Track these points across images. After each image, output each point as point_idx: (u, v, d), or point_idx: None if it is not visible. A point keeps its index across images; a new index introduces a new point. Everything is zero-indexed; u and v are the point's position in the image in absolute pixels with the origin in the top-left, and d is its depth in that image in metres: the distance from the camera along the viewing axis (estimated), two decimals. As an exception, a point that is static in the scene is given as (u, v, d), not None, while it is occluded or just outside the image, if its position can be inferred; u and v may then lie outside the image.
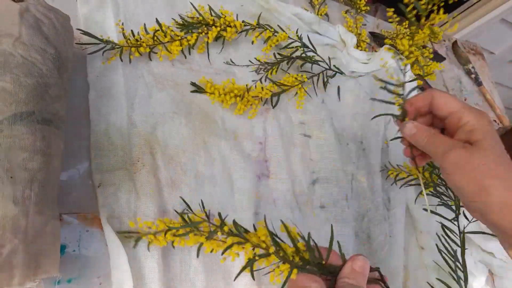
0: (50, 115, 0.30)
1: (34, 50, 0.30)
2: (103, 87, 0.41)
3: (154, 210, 0.37)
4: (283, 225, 0.31)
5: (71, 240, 0.34)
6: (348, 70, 0.61)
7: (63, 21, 0.35)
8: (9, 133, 0.27)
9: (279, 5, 0.57)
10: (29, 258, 0.25)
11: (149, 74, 0.44)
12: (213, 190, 0.42)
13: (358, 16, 0.72)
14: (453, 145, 0.33)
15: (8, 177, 0.25)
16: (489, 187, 0.30)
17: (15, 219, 0.25)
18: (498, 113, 0.84)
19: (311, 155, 0.51)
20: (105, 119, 0.39)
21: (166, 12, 0.49)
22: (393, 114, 0.39)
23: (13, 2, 0.31)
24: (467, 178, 0.31)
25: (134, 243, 0.34)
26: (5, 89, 0.27)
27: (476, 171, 0.31)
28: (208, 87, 0.46)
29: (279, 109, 0.51)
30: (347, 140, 0.53)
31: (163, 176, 0.40)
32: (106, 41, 0.41)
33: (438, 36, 0.76)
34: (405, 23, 0.75)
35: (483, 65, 0.92)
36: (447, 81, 0.80)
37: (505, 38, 1.27)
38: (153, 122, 0.42)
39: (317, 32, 0.61)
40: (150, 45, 0.44)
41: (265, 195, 0.45)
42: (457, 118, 0.34)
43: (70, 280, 0.32)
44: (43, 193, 0.28)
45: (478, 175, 0.31)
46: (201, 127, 0.44)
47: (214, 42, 0.50)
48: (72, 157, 0.37)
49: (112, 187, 0.37)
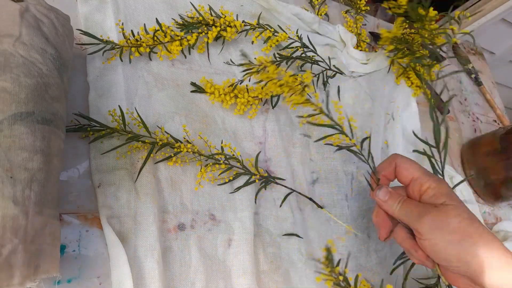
0: (50, 115, 0.30)
1: (34, 50, 0.30)
2: (103, 87, 0.41)
3: (154, 210, 0.37)
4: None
5: (71, 240, 0.34)
6: (348, 70, 0.61)
7: (63, 21, 0.35)
8: (9, 133, 0.27)
9: (279, 5, 0.56)
10: (29, 258, 0.25)
11: (149, 74, 0.44)
12: (213, 190, 0.42)
13: (358, 16, 0.72)
14: (426, 209, 0.33)
15: (8, 177, 0.25)
16: (472, 247, 0.30)
17: (15, 219, 0.25)
18: (498, 113, 0.84)
19: (311, 155, 0.51)
20: (105, 119, 0.39)
21: (166, 12, 0.49)
22: (368, 182, 0.40)
23: (13, 2, 0.31)
24: (447, 241, 0.31)
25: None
26: (5, 89, 0.27)
27: (456, 232, 0.31)
28: (208, 87, 0.46)
29: (279, 109, 0.51)
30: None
31: (163, 176, 0.40)
32: (106, 41, 0.41)
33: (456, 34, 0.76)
34: (405, 23, 0.75)
35: (483, 65, 0.92)
36: (447, 81, 0.80)
37: (505, 38, 1.26)
38: (153, 122, 0.42)
39: (317, 32, 0.61)
40: (150, 45, 0.44)
41: (265, 195, 0.45)
42: (419, 184, 0.35)
43: (70, 280, 0.32)
44: (43, 193, 0.28)
45: (457, 236, 0.31)
46: (201, 127, 0.44)
47: (214, 42, 0.50)
48: (72, 157, 0.37)
49: (112, 187, 0.37)
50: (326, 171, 0.50)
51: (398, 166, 0.37)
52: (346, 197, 0.50)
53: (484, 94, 0.85)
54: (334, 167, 0.51)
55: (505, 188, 0.63)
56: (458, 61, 0.86)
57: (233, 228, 0.41)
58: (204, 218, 0.40)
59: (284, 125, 0.50)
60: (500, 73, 1.36)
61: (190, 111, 0.44)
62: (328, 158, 0.51)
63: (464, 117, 0.77)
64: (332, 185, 0.50)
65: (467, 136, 0.74)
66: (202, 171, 0.41)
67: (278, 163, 0.47)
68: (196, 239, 0.39)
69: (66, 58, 0.34)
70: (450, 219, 0.31)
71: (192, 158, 0.41)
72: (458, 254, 0.31)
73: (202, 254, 0.38)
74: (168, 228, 0.38)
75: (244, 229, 0.41)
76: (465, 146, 0.71)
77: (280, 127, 0.50)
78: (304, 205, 0.47)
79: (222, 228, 0.41)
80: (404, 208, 0.35)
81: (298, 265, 0.43)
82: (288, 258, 0.43)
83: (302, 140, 0.51)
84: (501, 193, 0.65)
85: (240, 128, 0.47)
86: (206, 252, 0.39)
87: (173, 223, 0.39)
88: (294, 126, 0.51)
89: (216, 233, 0.40)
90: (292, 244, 0.43)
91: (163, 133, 0.40)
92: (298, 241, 0.43)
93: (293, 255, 0.43)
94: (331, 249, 0.31)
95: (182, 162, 0.41)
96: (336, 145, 0.41)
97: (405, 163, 0.37)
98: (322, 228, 0.47)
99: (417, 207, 0.34)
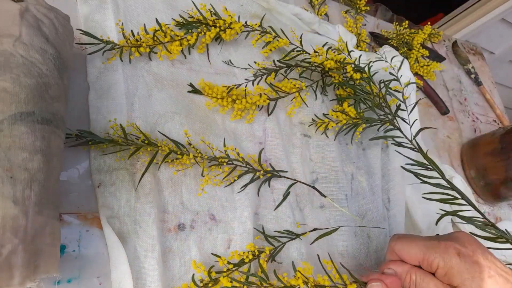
0: (50, 115, 0.30)
1: (34, 50, 0.30)
2: (103, 87, 0.41)
3: (154, 210, 0.37)
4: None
5: (71, 240, 0.34)
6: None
7: (63, 21, 0.35)
8: (9, 133, 0.27)
9: (279, 5, 0.56)
10: (29, 258, 0.25)
11: (149, 74, 0.44)
12: (213, 190, 0.42)
13: (358, 16, 0.72)
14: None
15: (8, 177, 0.25)
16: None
17: (15, 219, 0.25)
18: (498, 113, 0.84)
19: (311, 155, 0.51)
20: (105, 119, 0.39)
21: (166, 12, 0.49)
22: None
23: (13, 2, 0.31)
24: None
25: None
26: (5, 89, 0.27)
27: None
28: (207, 89, 0.46)
29: (279, 109, 0.51)
30: (347, 140, 0.53)
31: (163, 176, 0.40)
32: (106, 41, 0.41)
33: (438, 36, 0.76)
34: (405, 23, 0.75)
35: (483, 65, 0.92)
36: (447, 81, 0.80)
37: (505, 38, 1.26)
38: (153, 122, 0.42)
39: (317, 32, 0.61)
40: (150, 45, 0.44)
41: (265, 195, 0.45)
42: (427, 264, 0.32)
43: (70, 280, 0.32)
44: (43, 193, 0.28)
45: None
46: (201, 127, 0.44)
47: (214, 42, 0.50)
48: (72, 157, 0.37)
49: (112, 187, 0.37)
50: (326, 171, 0.50)
51: (398, 254, 0.34)
52: (346, 197, 0.50)
53: (484, 94, 0.85)
54: (334, 167, 0.51)
55: (505, 188, 0.63)
56: (458, 61, 0.86)
57: (233, 228, 0.41)
58: (204, 218, 0.40)
59: (284, 125, 0.50)
60: (500, 73, 1.36)
61: (190, 111, 0.44)
62: (328, 158, 0.51)
63: (464, 117, 0.77)
64: (332, 185, 0.50)
65: (467, 136, 0.74)
66: (206, 178, 0.41)
67: (278, 163, 0.47)
68: (196, 239, 0.39)
69: (66, 58, 0.34)
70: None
71: (194, 163, 0.40)
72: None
73: (202, 254, 0.38)
74: (168, 228, 0.38)
75: (244, 229, 0.41)
76: (465, 146, 0.71)
77: (280, 127, 0.50)
78: (304, 205, 0.47)
79: (222, 228, 0.41)
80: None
81: (298, 265, 0.43)
82: (288, 258, 0.43)
83: (302, 140, 0.51)
84: (501, 193, 0.64)
85: (240, 128, 0.47)
86: (206, 252, 0.39)
87: (173, 223, 0.39)
88: (294, 126, 0.51)
89: (216, 233, 0.40)
90: (292, 244, 0.43)
91: (165, 142, 0.40)
92: (298, 241, 0.43)
93: (293, 255, 0.43)
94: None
95: (183, 165, 0.40)
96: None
97: (403, 249, 0.34)
98: (322, 227, 0.47)
99: (437, 286, 0.31)
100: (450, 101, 0.76)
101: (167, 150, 0.38)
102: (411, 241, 0.33)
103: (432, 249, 0.31)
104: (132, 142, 0.38)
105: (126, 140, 0.37)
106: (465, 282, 0.29)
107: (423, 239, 0.33)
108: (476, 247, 0.31)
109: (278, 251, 0.40)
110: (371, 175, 0.53)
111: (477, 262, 0.30)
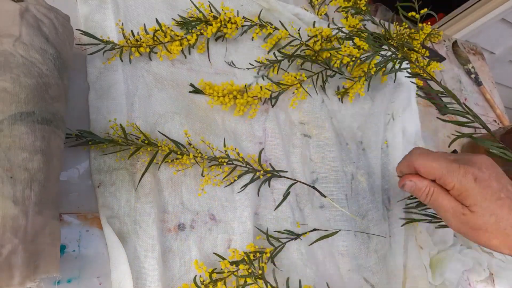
0: (50, 115, 0.30)
1: (34, 50, 0.30)
2: (103, 87, 0.41)
3: (154, 210, 0.37)
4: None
5: (71, 240, 0.34)
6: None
7: (63, 21, 0.35)
8: (9, 133, 0.27)
9: (279, 5, 0.56)
10: (29, 258, 0.25)
11: (149, 74, 0.44)
12: (213, 190, 0.42)
13: (358, 16, 0.72)
14: (453, 212, 0.34)
15: (8, 177, 0.25)
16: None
17: (15, 219, 0.25)
18: (498, 113, 0.84)
19: (311, 155, 0.51)
20: (105, 119, 0.39)
21: (166, 12, 0.49)
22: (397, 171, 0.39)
23: (13, 2, 0.31)
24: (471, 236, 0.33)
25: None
26: (5, 89, 0.27)
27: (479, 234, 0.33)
28: (207, 89, 0.46)
29: (279, 109, 0.51)
30: (347, 140, 0.53)
31: (163, 176, 0.40)
32: (106, 41, 0.41)
33: (438, 36, 0.76)
34: (405, 23, 0.75)
35: (483, 65, 0.92)
36: (447, 81, 0.80)
37: (505, 38, 1.26)
38: (153, 122, 0.42)
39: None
40: (150, 45, 0.44)
41: (265, 195, 0.45)
42: (443, 182, 0.34)
43: (70, 280, 0.32)
44: (43, 193, 0.28)
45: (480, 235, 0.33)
46: (201, 127, 0.44)
47: (214, 42, 0.50)
48: (72, 157, 0.37)
49: (112, 187, 0.37)
50: (326, 171, 0.50)
51: (417, 169, 0.36)
52: (346, 197, 0.50)
53: (484, 94, 0.85)
54: (334, 167, 0.51)
55: (505, 188, 0.63)
56: (458, 61, 0.86)
57: (233, 228, 0.41)
58: (204, 218, 0.40)
59: (284, 125, 0.50)
60: (500, 73, 1.36)
61: (190, 111, 0.44)
62: (328, 158, 0.51)
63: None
64: (332, 185, 0.50)
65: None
66: (206, 178, 0.41)
67: (278, 163, 0.47)
68: (196, 239, 0.39)
69: (66, 58, 0.34)
70: (476, 222, 0.32)
71: (194, 163, 0.41)
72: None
73: (202, 254, 0.38)
74: (168, 228, 0.38)
75: (244, 229, 0.41)
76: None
77: (280, 127, 0.50)
78: (304, 205, 0.47)
79: (222, 228, 0.41)
80: (432, 203, 0.35)
81: (298, 265, 0.43)
82: (288, 258, 0.43)
83: (302, 140, 0.51)
84: (501, 193, 0.64)
85: (240, 128, 0.47)
86: (206, 252, 0.39)
87: (173, 223, 0.39)
88: (294, 126, 0.51)
89: (216, 233, 0.40)
90: (292, 244, 0.43)
91: (165, 142, 0.40)
92: (298, 241, 0.43)
93: (293, 255, 0.43)
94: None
95: (183, 165, 0.40)
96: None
97: (424, 166, 0.35)
98: (322, 227, 0.47)
99: (443, 207, 0.34)
100: (450, 101, 0.76)
101: (167, 150, 0.38)
102: (432, 160, 0.35)
103: (452, 172, 0.33)
104: (132, 142, 0.38)
105: (126, 140, 0.37)
106: (477, 202, 0.32)
107: (444, 159, 0.35)
108: (493, 171, 0.33)
109: (278, 251, 0.40)
110: (371, 175, 0.53)
111: (490, 186, 0.32)
